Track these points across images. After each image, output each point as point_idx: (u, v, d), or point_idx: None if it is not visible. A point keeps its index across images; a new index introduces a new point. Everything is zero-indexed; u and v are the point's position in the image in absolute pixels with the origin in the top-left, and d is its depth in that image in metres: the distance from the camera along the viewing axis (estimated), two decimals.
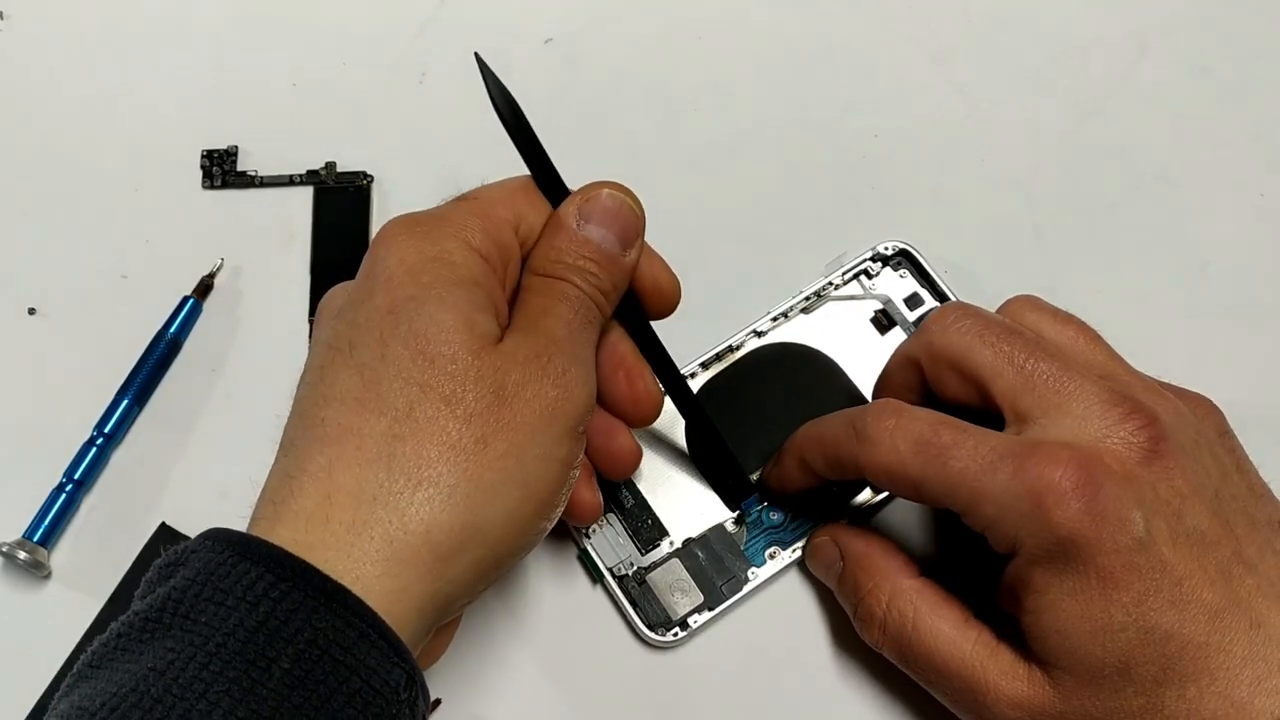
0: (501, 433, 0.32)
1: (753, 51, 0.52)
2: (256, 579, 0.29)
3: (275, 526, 0.31)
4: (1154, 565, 0.33)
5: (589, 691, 0.42)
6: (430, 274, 0.33)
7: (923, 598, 0.38)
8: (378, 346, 0.32)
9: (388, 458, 0.31)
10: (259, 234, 0.48)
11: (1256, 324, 0.48)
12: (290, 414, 0.34)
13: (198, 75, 0.51)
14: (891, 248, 0.47)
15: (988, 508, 0.35)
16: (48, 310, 0.47)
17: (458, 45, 0.52)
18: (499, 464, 0.32)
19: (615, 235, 0.36)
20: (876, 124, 0.50)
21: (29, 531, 0.43)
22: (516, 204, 0.36)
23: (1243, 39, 0.52)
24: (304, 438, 0.32)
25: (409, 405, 0.32)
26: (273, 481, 0.32)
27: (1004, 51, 0.52)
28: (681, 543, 0.43)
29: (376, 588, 0.30)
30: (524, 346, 0.33)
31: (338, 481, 0.31)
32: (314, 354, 0.34)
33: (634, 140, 0.50)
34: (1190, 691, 0.33)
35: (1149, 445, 0.35)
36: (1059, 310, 0.40)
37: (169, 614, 0.29)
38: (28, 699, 0.41)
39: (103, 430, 0.44)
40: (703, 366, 0.45)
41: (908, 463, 0.36)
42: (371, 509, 0.31)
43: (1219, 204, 0.49)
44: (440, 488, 0.31)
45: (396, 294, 0.33)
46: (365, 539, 0.30)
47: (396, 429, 0.31)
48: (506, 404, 0.32)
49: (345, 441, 0.32)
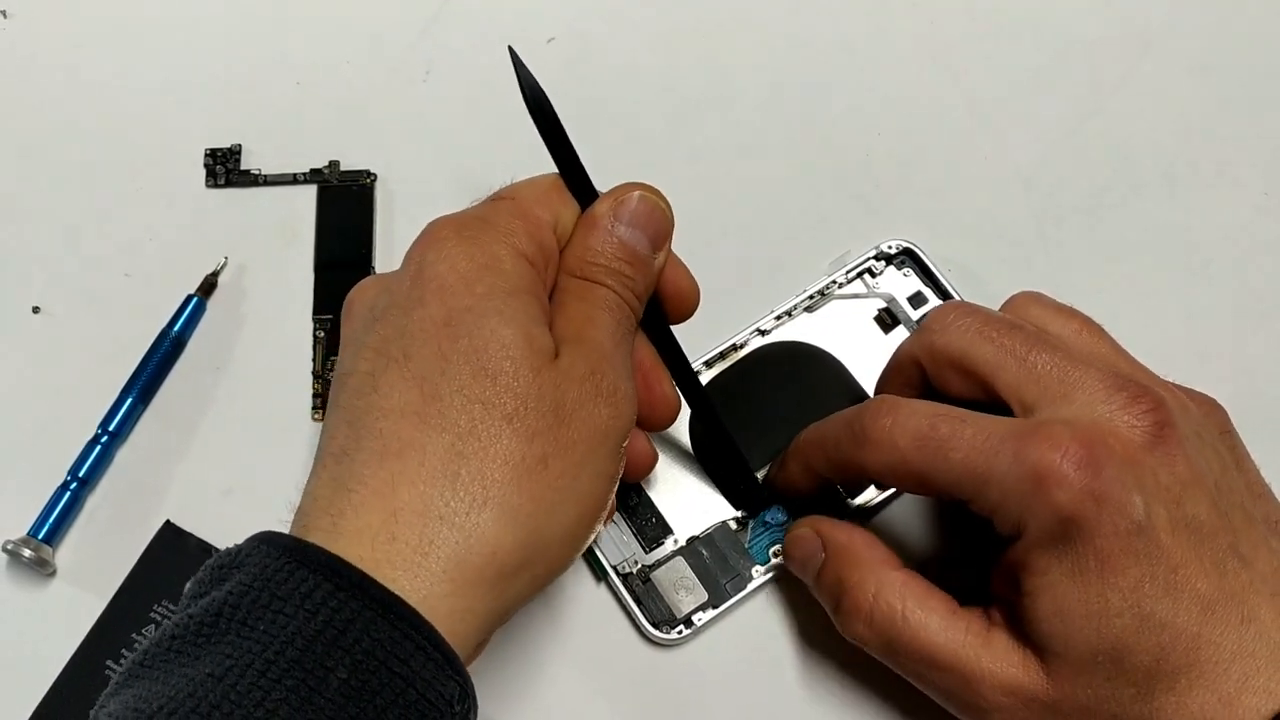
0: (561, 452, 0.32)
1: (756, 50, 0.52)
2: (314, 587, 0.29)
3: (336, 539, 0.30)
4: (1151, 551, 0.33)
5: (593, 689, 0.42)
6: (485, 284, 0.33)
7: (909, 589, 0.38)
8: (437, 360, 0.32)
9: (452, 476, 0.31)
10: (262, 232, 0.48)
11: (1259, 323, 0.47)
12: (333, 417, 0.33)
13: (201, 74, 0.51)
14: (895, 246, 0.47)
15: (992, 492, 0.35)
16: (52, 309, 0.47)
17: (461, 44, 0.52)
18: (558, 483, 0.32)
19: (648, 237, 0.36)
20: (880, 122, 0.50)
21: (34, 529, 0.43)
22: (552, 203, 0.36)
23: (1245, 37, 0.52)
24: (359, 449, 0.32)
25: (471, 423, 0.31)
26: (324, 489, 0.32)
27: (1007, 49, 0.52)
28: (685, 541, 0.43)
29: (442, 608, 0.30)
30: (579, 363, 0.33)
31: (402, 499, 0.31)
32: (359, 357, 0.33)
33: (636, 139, 0.50)
34: (1180, 684, 0.33)
35: (1154, 430, 0.34)
36: (1062, 305, 0.40)
37: (225, 619, 0.29)
38: (32, 696, 0.41)
39: (107, 428, 0.44)
40: (706, 365, 0.45)
41: (909, 459, 0.36)
42: (438, 529, 0.31)
43: (1222, 202, 0.49)
44: (505, 508, 0.31)
45: (451, 303, 0.32)
46: (432, 559, 0.30)
47: (459, 446, 0.31)
48: (565, 423, 0.32)
49: (407, 457, 0.31)
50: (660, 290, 0.38)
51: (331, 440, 0.33)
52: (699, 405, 0.41)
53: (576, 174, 0.37)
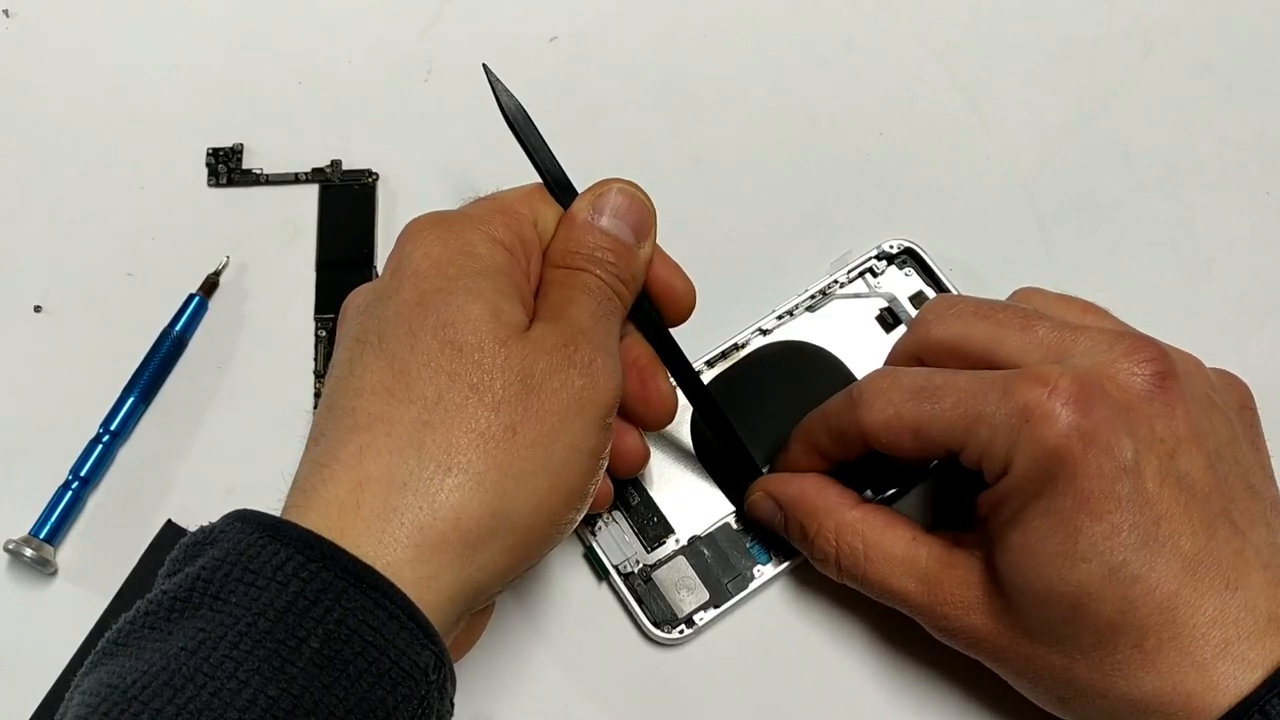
0: (530, 420, 0.32)
1: (757, 50, 0.52)
2: (286, 559, 0.29)
3: (306, 513, 0.31)
4: (1134, 497, 0.32)
5: (594, 688, 0.42)
6: (456, 266, 0.34)
7: (869, 525, 0.38)
8: (406, 338, 0.33)
9: (418, 445, 0.31)
10: (264, 232, 0.48)
11: (1261, 322, 0.48)
12: (319, 406, 0.34)
13: (203, 73, 0.51)
14: (896, 246, 0.47)
15: (981, 430, 0.34)
16: (54, 308, 0.47)
17: (463, 43, 0.52)
18: (528, 452, 0.32)
19: (629, 226, 0.37)
20: (881, 122, 0.50)
21: (35, 528, 0.43)
22: (534, 203, 0.37)
23: (1247, 37, 0.52)
24: (334, 427, 0.32)
25: (438, 393, 0.32)
26: (303, 471, 0.33)
27: (1008, 49, 0.52)
28: (687, 540, 0.43)
29: (407, 574, 0.30)
30: (550, 335, 0.34)
31: (368, 469, 0.31)
32: (342, 348, 0.34)
33: (638, 139, 0.50)
34: (1149, 642, 0.32)
35: (1154, 379, 0.34)
36: (1063, 293, 0.40)
37: (198, 594, 0.29)
38: (34, 694, 0.41)
39: (109, 428, 0.44)
40: (708, 364, 0.45)
41: (904, 412, 0.36)
42: (402, 495, 0.31)
43: (1224, 202, 0.49)
44: (470, 474, 0.31)
45: (424, 286, 0.33)
46: (396, 525, 0.31)
47: (426, 416, 0.32)
48: (534, 392, 0.33)
49: (375, 429, 0.32)
50: (653, 290, 0.38)
51: (314, 426, 0.34)
52: (701, 402, 0.41)
53: (558, 179, 0.38)
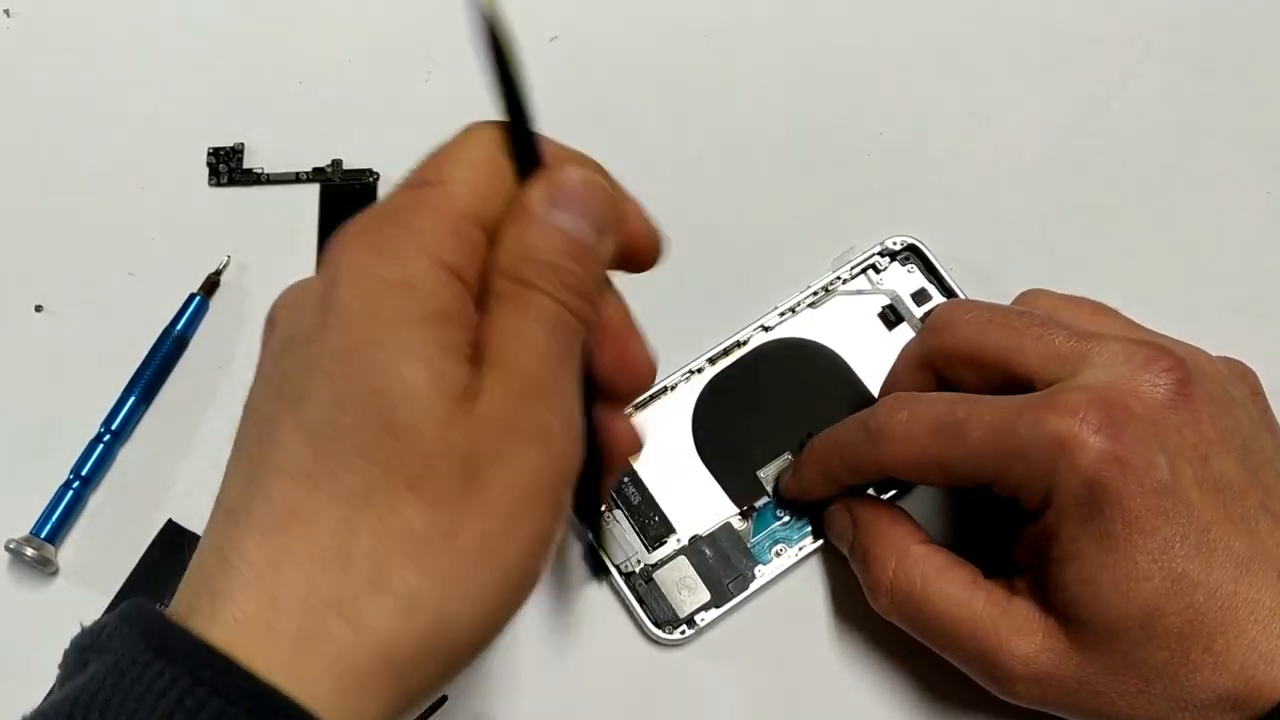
0: (473, 520, 0.27)
1: (759, 49, 0.52)
2: (171, 683, 0.25)
3: (213, 624, 0.26)
4: (1180, 510, 0.33)
5: (595, 689, 0.42)
6: (392, 308, 0.28)
7: (929, 562, 0.37)
8: (331, 408, 0.27)
9: (341, 556, 0.26)
10: (265, 231, 0.48)
11: (1262, 322, 0.47)
12: (232, 460, 0.29)
13: (204, 73, 0.51)
14: (899, 243, 0.47)
15: (1016, 466, 0.34)
16: (55, 308, 0.47)
17: (463, 43, 0.51)
18: (470, 558, 0.27)
19: (590, 222, 0.30)
20: (883, 121, 0.50)
21: (36, 528, 0.43)
22: (485, 184, 0.30)
23: (1247, 37, 0.52)
24: (248, 512, 0.27)
25: (365, 489, 0.27)
26: (211, 557, 0.27)
27: (1009, 48, 0.52)
28: (688, 540, 0.43)
29: (327, 711, 0.26)
30: (497, 401, 0.28)
31: (284, 582, 0.26)
32: (262, 392, 0.29)
33: (640, 138, 0.50)
34: (1218, 644, 0.32)
35: (1176, 388, 0.34)
36: (1071, 295, 0.40)
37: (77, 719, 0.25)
38: (34, 695, 0.41)
39: (110, 427, 0.44)
40: (710, 361, 0.45)
41: (929, 448, 0.35)
42: (322, 619, 0.26)
43: (1225, 202, 0.49)
44: (402, 594, 0.26)
45: (354, 333, 0.27)
46: (315, 655, 0.26)
47: (352, 518, 0.27)
48: (479, 485, 0.27)
49: (294, 531, 0.27)
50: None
51: (226, 491, 0.29)
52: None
53: (521, 126, 0.31)
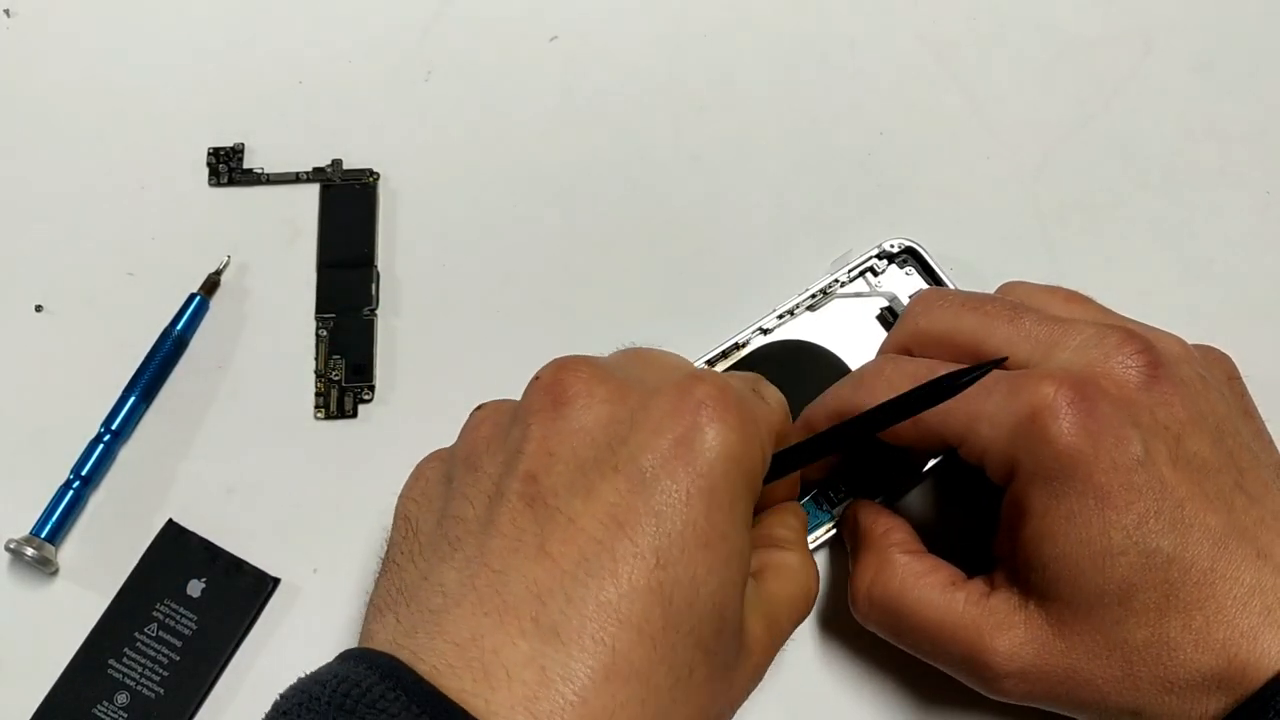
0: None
1: (758, 49, 0.52)
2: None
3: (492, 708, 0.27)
4: (1154, 485, 0.33)
5: None
6: (738, 514, 0.32)
7: (909, 569, 0.37)
8: (688, 586, 0.30)
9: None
10: (265, 231, 0.48)
11: (1262, 322, 0.48)
12: (545, 567, 0.29)
13: (204, 72, 0.51)
14: (897, 245, 0.47)
15: (983, 428, 0.34)
16: (55, 307, 0.47)
17: (463, 43, 0.52)
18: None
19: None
20: (882, 121, 0.50)
21: (36, 528, 0.43)
22: (779, 430, 0.36)
23: (1247, 36, 0.52)
24: (580, 646, 0.28)
25: (690, 667, 0.30)
26: (530, 673, 0.28)
27: (1008, 48, 0.52)
28: None
29: None
30: (754, 659, 0.34)
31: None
32: (586, 499, 0.30)
33: (639, 138, 0.50)
34: (1197, 620, 0.32)
35: (1146, 370, 0.34)
36: (1047, 284, 0.40)
37: None
38: (35, 695, 0.41)
39: (110, 427, 0.44)
40: (709, 364, 0.45)
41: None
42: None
43: (1225, 202, 0.49)
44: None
45: (712, 525, 0.30)
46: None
47: (676, 692, 0.30)
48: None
49: (633, 684, 0.29)
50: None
51: (543, 602, 0.29)
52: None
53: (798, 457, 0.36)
